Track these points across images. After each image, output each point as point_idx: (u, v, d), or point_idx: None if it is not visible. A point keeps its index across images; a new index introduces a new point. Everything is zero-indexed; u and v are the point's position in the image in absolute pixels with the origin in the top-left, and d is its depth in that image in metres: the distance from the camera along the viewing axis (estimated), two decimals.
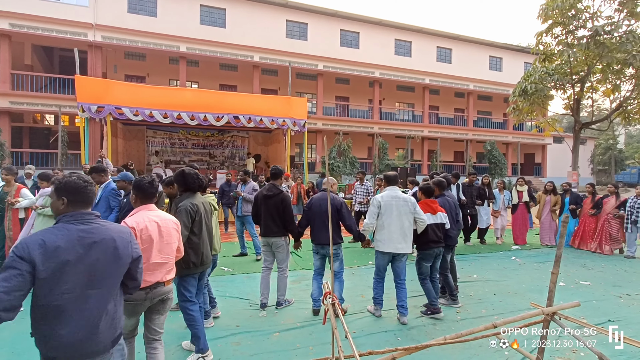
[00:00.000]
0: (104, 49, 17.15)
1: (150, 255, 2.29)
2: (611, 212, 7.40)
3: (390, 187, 4.07)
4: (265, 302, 4.10)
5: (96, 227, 1.69)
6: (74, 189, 1.68)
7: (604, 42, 9.65)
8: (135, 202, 2.45)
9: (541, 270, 5.96)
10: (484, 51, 25.14)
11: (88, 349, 1.64)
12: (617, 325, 3.87)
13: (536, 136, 25.70)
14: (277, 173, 4.25)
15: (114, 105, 9.53)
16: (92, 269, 1.63)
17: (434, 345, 2.16)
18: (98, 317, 1.66)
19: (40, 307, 1.55)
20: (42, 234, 1.57)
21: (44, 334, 1.57)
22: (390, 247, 3.86)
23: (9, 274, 1.45)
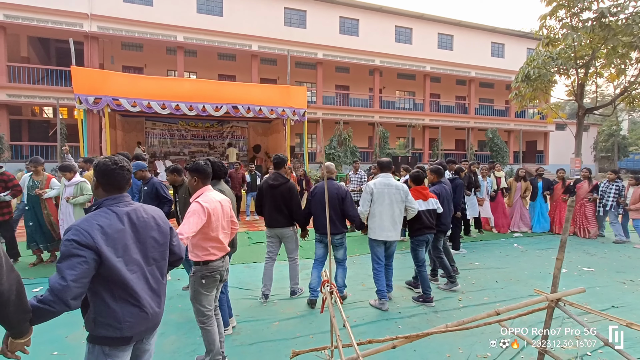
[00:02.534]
0: (100, 40, 16.92)
1: (219, 232, 2.60)
2: (585, 196, 7.50)
3: (384, 174, 4.03)
4: (268, 293, 4.05)
5: (136, 208, 1.76)
6: (105, 172, 1.69)
7: (610, 24, 9.42)
8: (197, 184, 2.65)
9: (543, 257, 5.92)
10: (486, 37, 24.73)
11: (154, 322, 1.74)
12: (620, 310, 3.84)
13: (538, 123, 25.44)
14: (280, 162, 4.12)
15: (112, 97, 9.43)
16: (144, 245, 1.71)
17: (436, 333, 2.12)
18: (159, 291, 1.77)
19: (110, 288, 1.58)
20: (94, 218, 1.59)
21: (114, 315, 1.59)
22: (382, 235, 3.90)
23: (73, 262, 1.45)
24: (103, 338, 1.60)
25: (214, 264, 2.59)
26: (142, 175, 4.52)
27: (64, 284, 1.41)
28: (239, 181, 9.10)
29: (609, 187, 7.21)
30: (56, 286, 1.41)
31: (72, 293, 1.42)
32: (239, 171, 9.24)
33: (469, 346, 3.08)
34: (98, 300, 1.58)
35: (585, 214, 7.57)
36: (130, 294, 1.62)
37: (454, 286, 4.44)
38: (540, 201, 7.97)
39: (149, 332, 1.76)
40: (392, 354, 2.89)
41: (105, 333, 1.59)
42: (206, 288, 2.58)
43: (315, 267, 4.04)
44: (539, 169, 8.31)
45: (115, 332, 1.59)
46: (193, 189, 2.70)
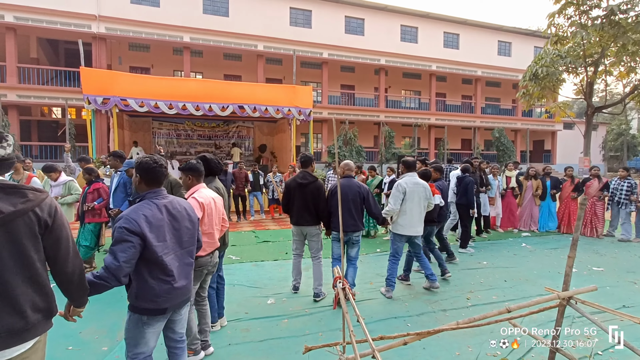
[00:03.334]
0: (108, 41, 17.09)
1: (212, 226, 2.73)
2: (595, 194, 7.39)
3: (410, 173, 4.23)
4: (298, 286, 4.16)
5: (171, 200, 2.07)
6: (147, 170, 1.99)
7: (620, 22, 9.30)
8: (191, 182, 2.78)
9: (552, 257, 5.88)
10: (493, 36, 24.55)
11: (185, 296, 2.09)
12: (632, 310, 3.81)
13: (546, 122, 25.21)
14: (307, 160, 4.09)
15: (119, 97, 9.52)
16: (179, 232, 2.03)
17: (446, 330, 2.12)
18: (189, 271, 2.11)
19: (150, 267, 1.88)
20: (140, 209, 1.90)
21: (152, 291, 1.90)
22: (411, 231, 4.12)
23: (124, 246, 1.77)
24: (143, 309, 1.92)
25: (203, 259, 2.67)
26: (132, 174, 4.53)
27: (118, 264, 1.73)
28: (242, 181, 9.08)
29: (621, 184, 7.11)
30: (111, 266, 1.73)
31: (123, 272, 1.75)
32: (242, 171, 9.22)
33: (478, 345, 3.07)
34: (139, 277, 1.89)
35: (596, 213, 7.47)
36: (166, 273, 1.92)
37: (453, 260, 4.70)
38: (548, 200, 7.92)
39: (182, 304, 2.11)
40: (402, 351, 2.90)
41: (145, 305, 1.91)
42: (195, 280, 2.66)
43: (334, 266, 4.03)
44: (547, 167, 8.26)
45: (154, 304, 1.92)
46: (187, 186, 2.82)
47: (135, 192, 2.74)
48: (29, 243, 1.39)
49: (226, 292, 4.15)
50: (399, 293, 4.25)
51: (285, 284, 4.44)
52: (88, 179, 4.84)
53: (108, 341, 3.02)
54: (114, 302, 3.70)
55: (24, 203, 1.39)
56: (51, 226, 1.46)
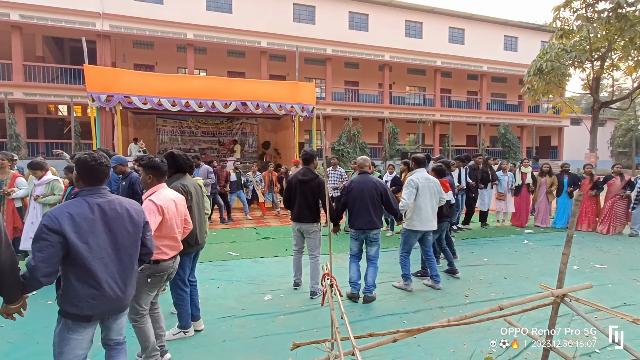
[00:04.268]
0: (112, 38, 17.18)
1: (174, 229, 2.57)
2: (618, 192, 7.23)
3: (420, 169, 4.30)
4: (299, 282, 4.18)
5: (111, 199, 1.93)
6: (84, 167, 1.88)
7: (627, 15, 9.11)
8: (151, 181, 2.62)
9: (554, 254, 5.81)
10: (499, 30, 24.23)
11: (117, 304, 1.91)
12: (633, 307, 3.76)
13: (552, 118, 24.90)
14: (309, 157, 4.07)
15: (123, 94, 9.59)
16: (114, 235, 1.88)
17: (437, 327, 2.11)
18: (127, 278, 1.94)
19: (76, 270, 1.76)
20: (66, 207, 1.78)
21: (76, 294, 1.78)
22: (426, 226, 4.16)
23: (41, 245, 1.66)
24: (67, 313, 1.81)
25: (165, 263, 2.52)
26: (121, 170, 4.42)
27: (33, 265, 1.64)
28: (223, 180, 8.60)
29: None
30: (29, 266, 1.65)
31: (41, 272, 1.64)
32: (223, 170, 8.77)
33: (474, 342, 3.05)
34: (65, 279, 1.79)
35: (616, 212, 7.29)
36: (92, 277, 1.78)
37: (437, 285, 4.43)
38: (565, 197, 7.79)
39: (111, 313, 1.95)
40: (397, 349, 2.91)
41: (69, 309, 1.79)
42: (150, 287, 2.51)
43: (352, 262, 4.04)
44: (565, 164, 8.10)
45: (77, 310, 1.79)
46: (147, 185, 2.64)
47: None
48: None
49: (224, 288, 4.21)
50: (396, 290, 4.24)
51: (284, 281, 4.46)
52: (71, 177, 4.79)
53: None
54: None
55: None
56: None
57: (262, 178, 9.83)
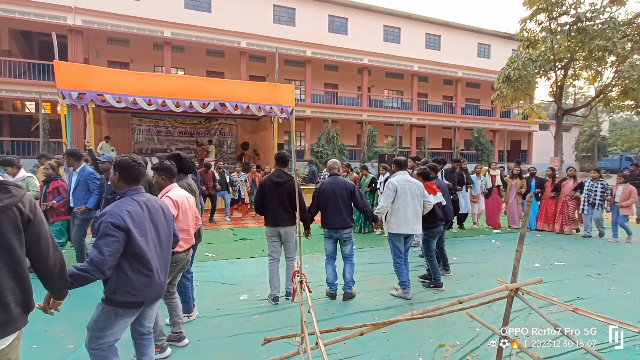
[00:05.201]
0: (84, 34, 16.63)
1: (187, 223, 2.87)
2: (569, 194, 7.72)
3: (401, 172, 4.25)
4: (278, 296, 3.89)
5: (149, 198, 2.17)
6: (126, 168, 2.08)
7: (586, 28, 9.74)
8: (164, 182, 2.90)
9: None
10: (473, 38, 25.12)
11: (162, 290, 2.18)
12: (585, 301, 4.06)
13: (522, 123, 26.00)
14: (283, 159, 4.00)
15: (96, 92, 9.32)
16: (157, 229, 2.13)
17: (402, 320, 2.24)
18: (166, 266, 2.20)
19: (132, 262, 1.97)
20: (123, 205, 1.98)
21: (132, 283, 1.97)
22: (407, 229, 4.06)
23: (108, 241, 1.84)
24: (120, 302, 1.98)
25: (179, 255, 2.80)
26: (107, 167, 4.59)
27: (102, 258, 1.81)
28: (210, 180, 8.65)
29: (594, 185, 7.36)
30: (96, 259, 1.80)
31: (108, 265, 1.83)
32: (208, 171, 8.80)
33: (440, 336, 3.23)
34: (120, 271, 1.96)
35: (566, 211, 7.81)
36: (146, 267, 2.01)
37: (447, 273, 4.75)
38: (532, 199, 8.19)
39: (156, 298, 2.19)
40: (367, 344, 3.04)
41: (123, 298, 1.98)
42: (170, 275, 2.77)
43: (328, 263, 4.11)
44: (531, 168, 8.56)
45: (132, 298, 1.99)
46: (160, 186, 2.93)
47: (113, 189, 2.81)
48: (14, 238, 1.43)
49: (199, 288, 4.22)
50: (369, 288, 4.39)
51: (260, 281, 4.51)
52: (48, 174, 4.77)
53: (76, 338, 3.02)
54: (83, 300, 3.69)
55: (9, 198, 1.42)
56: (33, 221, 1.49)
57: (246, 178, 9.82)
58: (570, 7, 10.21)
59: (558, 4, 10.07)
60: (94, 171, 4.68)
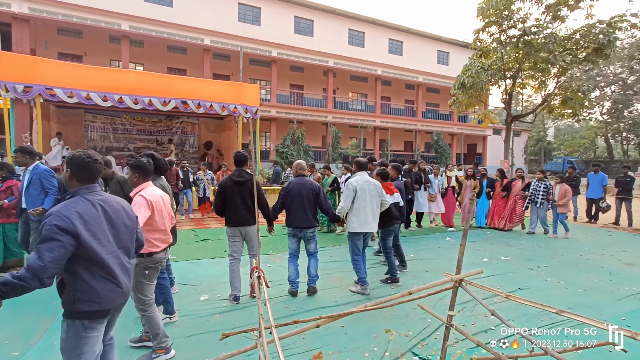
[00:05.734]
0: (31, 23, 15.48)
1: (164, 222, 2.81)
2: (518, 193, 8.36)
3: (361, 172, 4.40)
4: (239, 295, 3.90)
5: (106, 197, 1.97)
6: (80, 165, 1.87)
7: (531, 41, 10.60)
8: (137, 180, 2.79)
9: (469, 249, 6.57)
10: (433, 45, 26.28)
11: (127, 296, 1.97)
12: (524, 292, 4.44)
13: (478, 128, 27.54)
14: (242, 159, 4.01)
15: (45, 85, 8.79)
16: (116, 231, 1.93)
17: (355, 312, 2.37)
18: (129, 271, 2.00)
19: (90, 268, 1.77)
20: (72, 205, 1.76)
21: (94, 291, 1.78)
22: (365, 228, 4.21)
23: (51, 245, 1.62)
24: (83, 313, 1.78)
25: (157, 255, 2.76)
26: None
27: (42, 264, 1.58)
28: (174, 178, 8.45)
29: (539, 185, 8.00)
30: (34, 266, 1.57)
31: (47, 272, 1.59)
32: (171, 168, 8.45)
33: (394, 327, 3.40)
34: (78, 279, 1.76)
35: (515, 209, 8.40)
36: (108, 272, 1.83)
37: (404, 269, 4.98)
38: (484, 198, 8.78)
39: (122, 306, 2.01)
40: (325, 337, 3.15)
41: (85, 308, 1.77)
42: (148, 278, 2.75)
43: (291, 261, 4.18)
44: (482, 169, 9.14)
45: (95, 306, 1.79)
46: (134, 184, 2.84)
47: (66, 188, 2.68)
48: None
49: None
50: (330, 285, 4.52)
51: (221, 281, 4.50)
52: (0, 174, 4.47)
53: (21, 345, 2.88)
54: (30, 305, 3.50)
55: None
56: None
57: (213, 177, 9.63)
58: (517, 21, 11.08)
59: (507, 17, 10.89)
60: (48, 168, 4.39)
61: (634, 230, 8.75)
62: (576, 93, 11.76)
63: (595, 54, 11.06)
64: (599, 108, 33.60)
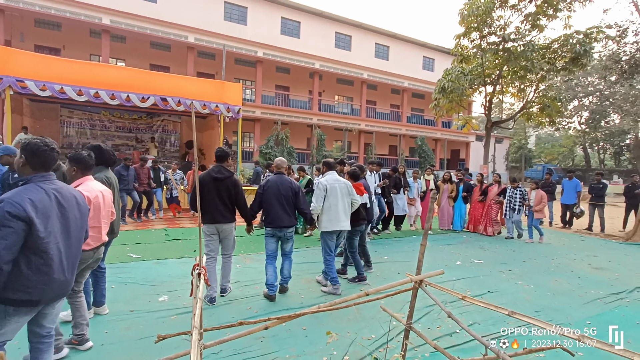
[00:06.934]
0: (7, 13, 14.96)
1: (100, 220, 2.70)
2: (493, 198, 8.43)
3: (330, 172, 4.41)
4: (215, 296, 3.78)
5: (61, 186, 1.95)
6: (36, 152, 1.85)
7: (510, 49, 10.79)
8: (75, 173, 2.68)
9: (444, 252, 6.57)
10: (418, 51, 26.59)
11: (63, 289, 1.97)
12: (493, 294, 4.43)
13: (461, 134, 27.96)
14: (223, 155, 3.95)
15: (15, 77, 8.48)
16: (67, 221, 1.92)
17: (308, 314, 2.27)
18: (73, 263, 2.00)
19: (29, 256, 1.74)
20: (24, 192, 1.74)
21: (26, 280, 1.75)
22: (338, 226, 4.21)
23: (4, 232, 1.63)
24: (10, 300, 1.76)
25: (86, 253, 2.60)
26: (8, 161, 4.03)
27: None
28: (146, 177, 8.29)
29: (515, 192, 8.05)
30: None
31: (4, 259, 1.62)
32: (144, 166, 8.39)
33: (357, 330, 3.33)
34: (13, 267, 1.72)
35: (490, 214, 8.48)
36: (46, 263, 1.80)
37: (370, 270, 4.94)
38: (460, 202, 8.82)
39: (57, 298, 1.97)
40: (284, 340, 3.04)
41: (12, 296, 1.75)
42: None
43: (269, 263, 4.01)
44: (458, 174, 9.20)
45: (24, 296, 1.77)
46: (72, 178, 2.71)
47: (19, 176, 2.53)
48: None
49: (115, 290, 3.97)
50: (298, 286, 4.41)
51: (185, 281, 4.34)
52: None
53: None
54: None
55: None
56: None
57: (183, 177, 9.41)
58: (497, 28, 11.28)
59: (487, 24, 11.06)
60: None
61: (605, 236, 8.93)
62: (553, 101, 12.03)
63: (572, 63, 11.35)
64: (578, 118, 34.62)
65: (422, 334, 2.61)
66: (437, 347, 2.44)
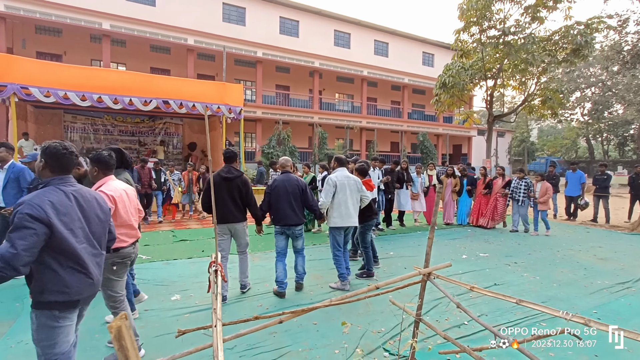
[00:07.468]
0: (8, 20, 15.07)
1: (129, 217, 2.75)
2: (499, 191, 8.45)
3: (341, 169, 4.44)
4: (226, 295, 3.87)
5: (80, 188, 1.97)
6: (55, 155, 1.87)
7: (511, 42, 10.78)
8: (97, 174, 2.71)
9: (450, 246, 6.61)
10: (418, 47, 26.55)
11: (97, 289, 1.97)
12: (499, 287, 4.48)
13: (462, 128, 27.92)
14: (232, 155, 4.00)
15: (20, 84, 8.54)
16: (89, 222, 1.93)
17: (320, 307, 2.33)
18: (99, 263, 2.00)
19: (59, 258, 1.76)
20: (44, 195, 1.76)
21: (63, 281, 1.77)
22: (348, 222, 4.28)
23: (24, 233, 1.62)
24: (53, 303, 1.77)
25: (125, 250, 2.69)
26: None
27: (14, 252, 1.58)
28: (148, 178, 8.35)
29: (520, 183, 8.09)
30: (6, 254, 1.58)
31: (22, 260, 1.60)
32: (145, 168, 8.44)
33: (367, 324, 3.38)
34: (46, 269, 1.75)
35: (496, 207, 8.49)
36: (78, 263, 1.82)
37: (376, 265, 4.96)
38: (465, 196, 8.85)
39: (90, 298, 1.98)
40: (297, 335, 3.11)
41: (54, 298, 1.77)
42: (117, 274, 2.68)
43: (279, 260, 4.08)
44: (461, 168, 9.23)
45: (64, 297, 1.79)
46: (93, 178, 2.75)
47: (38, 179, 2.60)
48: None
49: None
50: (306, 283, 4.46)
51: (196, 280, 4.41)
52: None
53: None
54: None
55: None
56: None
57: (180, 177, 9.49)
58: (497, 21, 11.26)
59: (487, 18, 11.05)
60: (25, 167, 4.30)
61: (610, 227, 8.95)
62: (555, 93, 12.02)
63: (573, 54, 11.32)
64: (580, 109, 34.49)
65: (432, 325, 2.67)
66: (447, 337, 2.48)
